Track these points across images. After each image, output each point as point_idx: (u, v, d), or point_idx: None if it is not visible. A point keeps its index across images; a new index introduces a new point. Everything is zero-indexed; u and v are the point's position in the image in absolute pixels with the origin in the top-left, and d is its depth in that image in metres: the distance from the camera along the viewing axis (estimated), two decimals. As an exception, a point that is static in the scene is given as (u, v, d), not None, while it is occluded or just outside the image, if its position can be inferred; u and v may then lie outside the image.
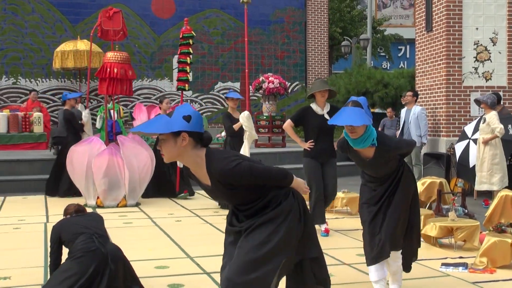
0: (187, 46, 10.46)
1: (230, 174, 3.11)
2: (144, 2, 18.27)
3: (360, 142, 4.30)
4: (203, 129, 3.19)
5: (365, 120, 4.15)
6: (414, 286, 4.89)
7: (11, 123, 14.78)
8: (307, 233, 3.34)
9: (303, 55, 20.40)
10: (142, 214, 8.63)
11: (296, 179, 3.38)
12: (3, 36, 17.09)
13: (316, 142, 6.97)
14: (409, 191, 4.55)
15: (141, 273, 5.22)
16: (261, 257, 3.13)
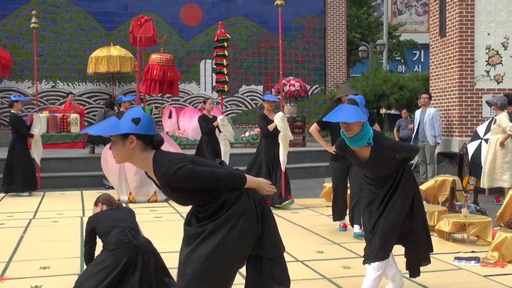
0: (222, 48, 10.19)
1: (172, 177, 2.95)
2: (173, 11, 18.37)
3: (355, 141, 4.07)
4: (154, 132, 3.05)
5: (359, 117, 3.94)
6: (428, 279, 4.84)
7: (50, 123, 14.96)
8: (266, 233, 3.16)
9: (322, 60, 20.33)
10: (171, 209, 8.67)
11: (255, 179, 3.20)
12: (43, 43, 17.30)
13: None
14: (408, 194, 4.23)
15: (171, 264, 5.24)
16: (215, 263, 2.99)
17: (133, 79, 17.61)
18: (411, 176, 4.32)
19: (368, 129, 4.07)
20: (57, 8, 17.43)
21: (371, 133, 4.06)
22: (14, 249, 5.96)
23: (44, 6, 17.34)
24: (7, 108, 16.94)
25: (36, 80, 11.68)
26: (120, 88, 17.89)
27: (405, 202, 4.20)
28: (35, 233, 6.77)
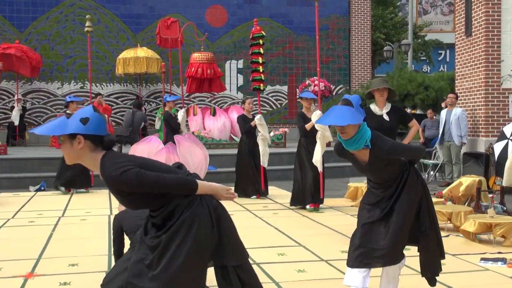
0: (257, 46, 9.84)
1: (116, 180, 2.84)
2: (198, 12, 18.44)
3: (352, 144, 3.79)
4: (104, 132, 2.95)
5: (351, 119, 3.65)
6: (454, 279, 4.78)
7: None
8: (225, 241, 3.04)
9: (347, 60, 20.22)
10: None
11: (211, 185, 3.07)
12: (72, 44, 17.53)
13: None
14: (413, 199, 3.92)
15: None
16: (173, 277, 2.87)
17: (159, 80, 17.73)
18: (418, 179, 4.02)
19: (365, 130, 3.80)
20: (86, 11, 17.62)
21: (369, 135, 3.80)
22: (44, 246, 6.04)
23: (73, 8, 17.56)
24: (38, 108, 17.23)
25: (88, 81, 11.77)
26: (146, 88, 18.03)
27: (411, 207, 3.91)
28: (64, 231, 6.85)
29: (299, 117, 8.48)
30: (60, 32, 17.46)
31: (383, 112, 6.32)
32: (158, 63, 16.16)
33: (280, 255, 5.64)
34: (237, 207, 8.75)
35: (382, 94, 6.24)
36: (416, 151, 4.10)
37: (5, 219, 7.64)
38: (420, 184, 4.01)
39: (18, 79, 16.74)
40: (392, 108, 6.39)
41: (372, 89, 6.33)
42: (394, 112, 6.35)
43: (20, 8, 17.11)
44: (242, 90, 18.45)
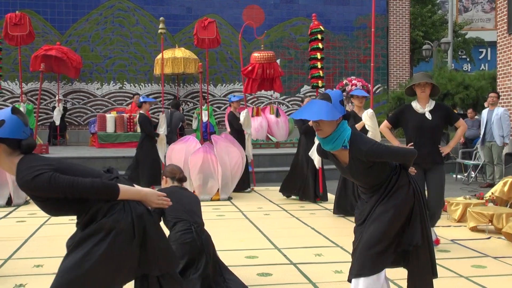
0: (316, 41, 9.45)
1: (28, 185, 2.71)
2: (236, 12, 18.51)
3: (328, 143, 3.49)
4: (22, 135, 2.82)
5: (325, 115, 3.37)
6: (495, 283, 4.68)
7: (118, 123, 15.37)
8: (150, 249, 2.91)
9: (385, 59, 20.01)
10: (234, 207, 8.73)
11: (138, 190, 2.94)
12: (111, 45, 17.81)
13: (416, 145, 5.61)
14: (401, 205, 3.53)
15: (233, 262, 5.30)
16: (77, 278, 2.75)
17: (196, 80, 17.87)
18: (409, 184, 3.63)
19: (344, 129, 3.49)
20: (125, 12, 17.90)
21: (348, 135, 3.48)
22: (84, 244, 6.14)
23: (112, 10, 17.84)
24: (78, 108, 17.56)
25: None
26: (184, 88, 18.19)
27: (396, 214, 3.52)
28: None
29: (350, 116, 7.89)
30: (99, 33, 17.76)
31: (426, 110, 5.71)
32: (195, 63, 16.29)
33: (317, 255, 5.62)
34: (274, 207, 8.74)
35: (424, 90, 5.68)
36: (404, 154, 3.66)
37: (47, 217, 7.81)
38: (412, 191, 3.61)
39: (59, 80, 17.10)
40: (436, 106, 5.76)
41: (412, 83, 5.77)
42: (438, 110, 5.72)
43: (61, 10, 17.47)
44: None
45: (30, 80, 17.15)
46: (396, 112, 6.03)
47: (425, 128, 5.70)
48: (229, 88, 18.32)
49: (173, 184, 4.57)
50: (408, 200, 3.57)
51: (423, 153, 5.40)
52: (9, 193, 8.82)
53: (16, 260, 5.45)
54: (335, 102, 3.47)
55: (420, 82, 5.67)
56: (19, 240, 6.34)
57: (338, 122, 3.49)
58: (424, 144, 5.65)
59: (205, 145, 9.48)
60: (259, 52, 11.26)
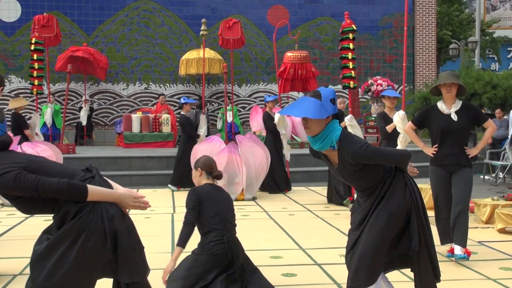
0: (347, 40, 9.14)
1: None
2: (260, 13, 18.52)
3: (317, 142, 3.38)
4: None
5: (312, 113, 3.25)
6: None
7: (143, 124, 15.49)
8: (120, 255, 2.84)
9: (411, 58, 19.82)
10: (258, 207, 8.74)
11: (111, 192, 2.87)
12: (137, 46, 17.97)
13: (441, 146, 5.48)
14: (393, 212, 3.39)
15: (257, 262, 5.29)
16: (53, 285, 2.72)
17: (221, 80, 17.93)
18: (405, 187, 3.47)
19: (334, 129, 3.35)
20: (150, 13, 18.04)
21: (337, 135, 3.35)
22: (110, 243, 6.21)
23: (137, 11, 18.00)
24: (104, 109, 17.75)
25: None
26: (209, 89, 18.26)
27: (392, 222, 3.40)
28: (129, 228, 7.03)
29: (380, 117, 7.69)
30: (125, 34, 17.93)
31: (451, 111, 5.44)
32: (220, 63, 16.35)
33: (341, 256, 5.56)
34: (298, 207, 8.73)
35: (450, 90, 5.42)
36: (397, 157, 3.50)
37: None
38: (409, 194, 3.45)
39: (85, 80, 17.30)
40: (463, 106, 5.47)
41: (438, 83, 5.53)
42: (464, 111, 5.44)
43: (88, 11, 17.68)
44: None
45: (57, 81, 17.39)
46: (421, 113, 5.78)
47: (450, 130, 5.44)
48: (254, 89, 18.33)
49: (208, 182, 4.41)
50: (404, 205, 3.44)
51: (448, 154, 5.44)
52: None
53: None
54: (325, 100, 3.33)
55: (446, 82, 5.41)
56: None
57: (328, 121, 3.36)
58: (449, 145, 5.46)
59: (230, 145, 9.51)
60: (292, 52, 11.03)
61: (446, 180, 5.51)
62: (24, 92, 16.98)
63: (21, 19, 17.24)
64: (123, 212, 2.95)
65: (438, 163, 5.53)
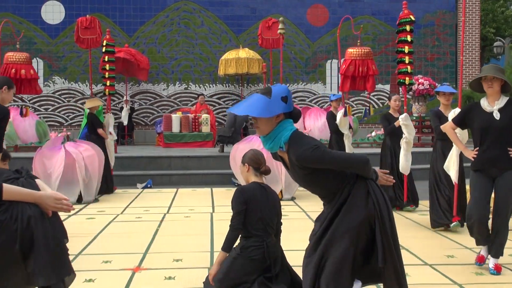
0: (404, 33, 8.61)
1: None
2: (300, 12, 18.47)
3: (267, 142, 3.20)
4: None
5: (255, 111, 3.05)
6: None
7: (183, 123, 15.63)
8: (36, 257, 2.75)
9: (453, 57, 19.45)
10: (297, 207, 8.71)
11: (29, 193, 2.79)
12: (177, 47, 18.15)
13: (483, 148, 5.00)
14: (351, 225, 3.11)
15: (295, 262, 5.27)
16: None
17: (260, 80, 17.95)
18: (367, 197, 3.16)
19: (284, 129, 3.14)
20: (190, 14, 18.20)
21: (286, 135, 3.14)
22: (150, 241, 6.29)
23: (178, 12, 18.18)
24: (145, 109, 17.97)
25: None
26: (248, 89, 18.31)
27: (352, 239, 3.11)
28: (169, 227, 7.10)
29: (435, 116, 7.05)
30: (166, 35, 18.13)
31: (494, 109, 4.94)
32: (259, 63, 16.36)
33: (381, 257, 5.51)
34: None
35: (492, 85, 4.94)
36: (352, 163, 3.16)
37: (115, 215, 8.05)
38: (372, 204, 3.14)
39: (127, 81, 17.57)
40: (508, 103, 4.96)
41: (479, 76, 5.04)
42: (509, 108, 4.93)
43: (129, 13, 17.96)
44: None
45: (99, 81, 17.68)
46: (463, 111, 5.31)
47: (492, 129, 4.93)
48: (292, 88, 18.29)
49: (256, 180, 4.23)
50: (365, 217, 3.13)
51: (490, 157, 4.95)
52: (80, 191, 9.13)
53: (86, 256, 5.64)
54: (275, 98, 3.12)
55: (487, 75, 4.92)
56: (89, 236, 6.56)
57: (278, 120, 3.16)
58: (490, 147, 4.95)
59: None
60: (353, 48, 10.48)
61: (484, 187, 4.99)
62: (67, 92, 17.38)
63: (64, 21, 17.63)
64: (43, 214, 2.88)
65: (478, 167, 5.04)
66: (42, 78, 17.54)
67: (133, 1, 17.97)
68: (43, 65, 17.61)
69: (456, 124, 5.38)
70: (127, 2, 17.93)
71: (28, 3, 17.55)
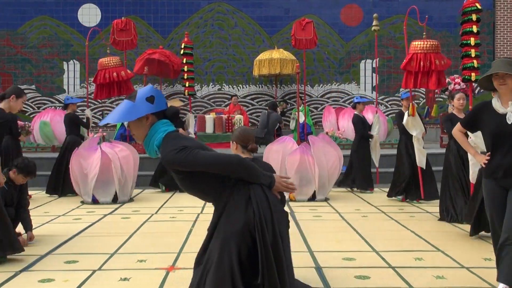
0: (469, 23, 7.83)
1: None
2: (333, 12, 18.37)
3: (146, 148, 3.08)
4: None
5: (117, 117, 2.95)
6: None
7: (217, 124, 15.72)
8: None
9: (491, 56, 19.08)
10: (331, 208, 8.67)
11: None
12: (211, 48, 18.25)
13: (494, 155, 4.27)
14: (225, 238, 2.95)
15: (330, 263, 5.26)
16: None
17: (293, 81, 17.91)
18: (247, 204, 2.97)
19: (156, 131, 3.00)
20: (224, 15, 18.28)
21: (159, 138, 3.00)
22: (184, 241, 6.34)
23: (211, 14, 18.28)
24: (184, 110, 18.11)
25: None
26: (281, 89, 18.29)
27: (225, 249, 2.93)
28: (203, 227, 7.11)
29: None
30: (199, 36, 18.25)
31: (508, 110, 4.19)
32: (292, 64, 16.33)
33: (417, 259, 5.45)
34: (372, 208, 8.59)
35: (504, 82, 4.16)
36: (220, 164, 2.93)
37: (149, 214, 8.14)
38: (252, 213, 2.94)
39: (161, 82, 17.76)
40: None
41: (487, 74, 4.27)
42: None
43: (164, 15, 18.14)
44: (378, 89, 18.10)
45: (134, 83, 17.92)
46: (472, 112, 4.53)
47: (504, 135, 4.16)
48: (326, 89, 18.20)
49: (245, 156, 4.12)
50: (244, 225, 2.92)
51: (501, 164, 4.21)
52: (115, 191, 9.26)
53: (121, 255, 5.72)
54: (140, 100, 3.00)
55: (498, 72, 4.16)
56: (124, 235, 6.65)
57: (149, 123, 3.03)
58: (503, 155, 4.20)
59: (302, 145, 9.48)
60: (417, 40, 9.64)
61: (500, 198, 4.23)
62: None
63: (100, 23, 17.90)
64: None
65: (490, 176, 4.31)
66: (78, 80, 17.86)
67: (168, 3, 18.14)
68: (79, 67, 17.93)
69: (464, 126, 4.64)
70: (161, 4, 18.12)
71: (65, 6, 17.89)
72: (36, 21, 17.82)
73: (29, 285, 4.71)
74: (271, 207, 2.98)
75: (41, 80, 17.78)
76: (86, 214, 8.22)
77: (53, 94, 17.78)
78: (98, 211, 8.47)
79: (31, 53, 17.80)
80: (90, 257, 5.60)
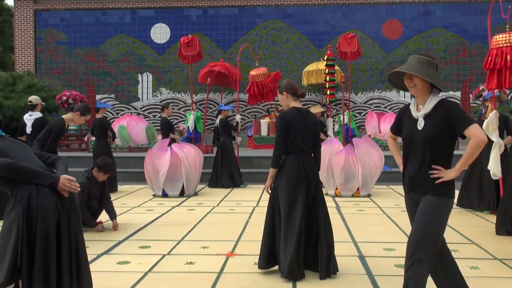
0: None
1: None
2: (376, 27, 18.09)
3: None
4: None
5: None
6: None
7: (271, 128, 15.77)
8: None
9: (523, 65, 18.33)
10: (373, 203, 8.54)
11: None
12: (266, 61, 18.30)
13: (405, 164, 3.36)
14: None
15: (372, 252, 5.19)
16: None
17: (339, 89, 17.74)
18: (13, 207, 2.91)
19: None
20: (277, 31, 18.30)
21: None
22: (242, 230, 6.38)
23: (266, 30, 18.34)
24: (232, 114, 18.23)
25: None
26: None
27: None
28: (258, 218, 7.15)
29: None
30: (255, 50, 18.34)
31: (419, 115, 3.25)
32: (338, 74, 16.18)
33: (452, 251, 5.30)
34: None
35: (413, 84, 3.25)
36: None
37: (211, 207, 8.23)
38: (21, 211, 2.90)
39: (222, 91, 17.93)
40: (437, 105, 3.20)
41: (394, 70, 3.32)
42: (437, 113, 3.19)
43: (224, 32, 18.33)
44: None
45: (198, 92, 18.20)
46: (397, 116, 3.51)
47: (413, 142, 3.26)
48: (369, 96, 17.95)
49: (295, 104, 4.46)
50: (13, 221, 2.87)
51: (410, 178, 3.30)
52: (182, 186, 9.41)
53: (187, 242, 5.81)
54: None
55: (406, 72, 3.23)
56: (190, 225, 6.75)
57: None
58: (411, 165, 3.30)
59: (347, 147, 9.39)
60: (499, 34, 7.27)
61: (412, 213, 3.45)
62: (172, 101, 17.97)
63: (170, 40, 18.25)
64: None
65: (409, 189, 3.37)
66: (151, 90, 18.25)
67: (228, 22, 18.32)
68: (152, 79, 18.32)
69: (392, 132, 3.61)
70: (222, 22, 18.31)
71: (140, 25, 18.33)
72: (115, 39, 18.35)
73: (109, 266, 4.85)
74: (46, 213, 2.92)
75: (119, 90, 18.29)
76: (157, 206, 8.38)
77: (130, 102, 18.25)
78: (167, 203, 8.63)
79: (111, 67, 18.34)
80: (161, 243, 5.71)
